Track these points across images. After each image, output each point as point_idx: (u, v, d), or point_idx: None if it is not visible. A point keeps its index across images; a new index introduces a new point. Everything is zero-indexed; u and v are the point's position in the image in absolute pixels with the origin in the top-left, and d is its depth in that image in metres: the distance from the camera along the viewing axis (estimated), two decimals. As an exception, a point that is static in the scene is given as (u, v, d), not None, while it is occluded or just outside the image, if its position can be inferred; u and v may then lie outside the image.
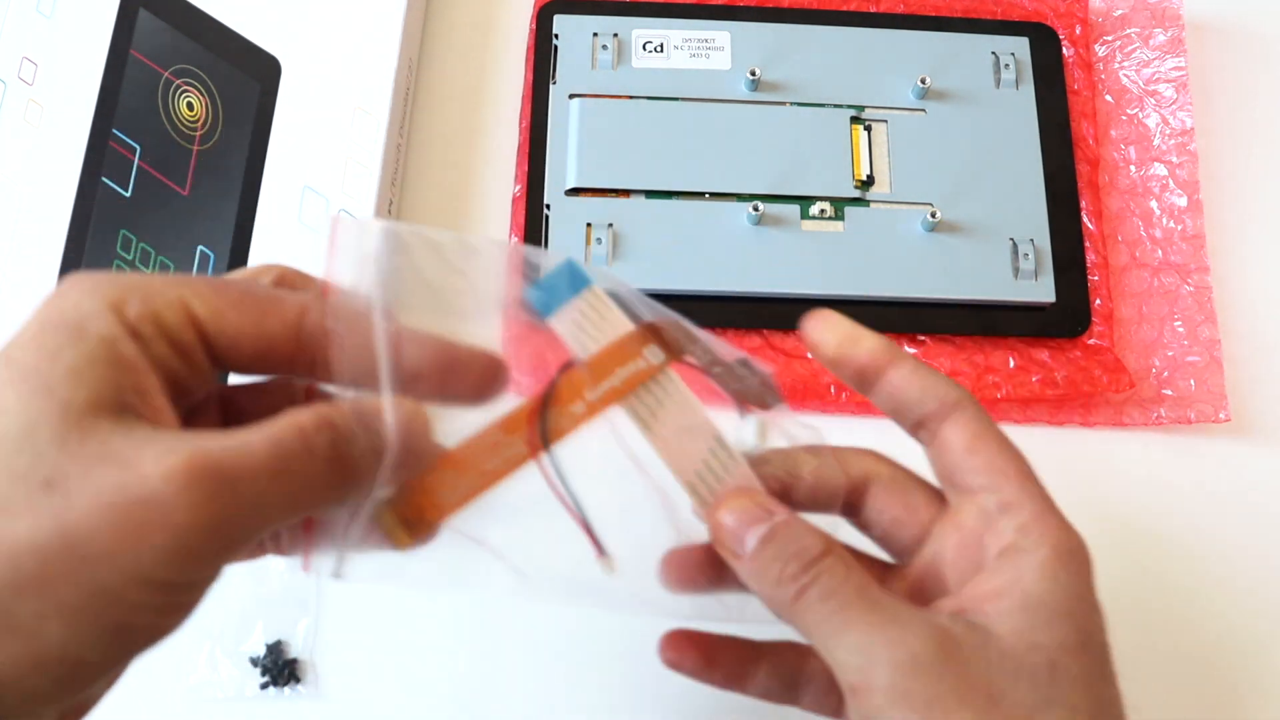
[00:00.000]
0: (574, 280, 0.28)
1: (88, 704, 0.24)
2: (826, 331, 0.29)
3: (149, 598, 0.21)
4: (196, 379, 0.23)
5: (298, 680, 0.40)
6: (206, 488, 0.21)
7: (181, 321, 0.23)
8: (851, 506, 0.29)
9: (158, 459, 0.21)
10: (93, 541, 0.20)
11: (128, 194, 0.43)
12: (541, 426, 0.27)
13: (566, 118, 0.45)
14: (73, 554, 0.20)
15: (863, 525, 0.30)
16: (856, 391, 0.29)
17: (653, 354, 0.27)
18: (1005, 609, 0.25)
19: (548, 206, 0.44)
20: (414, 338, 0.25)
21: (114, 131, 0.44)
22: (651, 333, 0.28)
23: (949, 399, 0.27)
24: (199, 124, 0.44)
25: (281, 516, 0.22)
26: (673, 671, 0.30)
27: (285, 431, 0.22)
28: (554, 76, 0.46)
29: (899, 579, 0.28)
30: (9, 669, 0.20)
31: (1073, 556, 0.26)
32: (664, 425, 0.28)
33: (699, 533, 0.28)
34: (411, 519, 0.26)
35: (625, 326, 0.28)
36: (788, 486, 0.28)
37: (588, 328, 0.28)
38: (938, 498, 0.28)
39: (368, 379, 0.24)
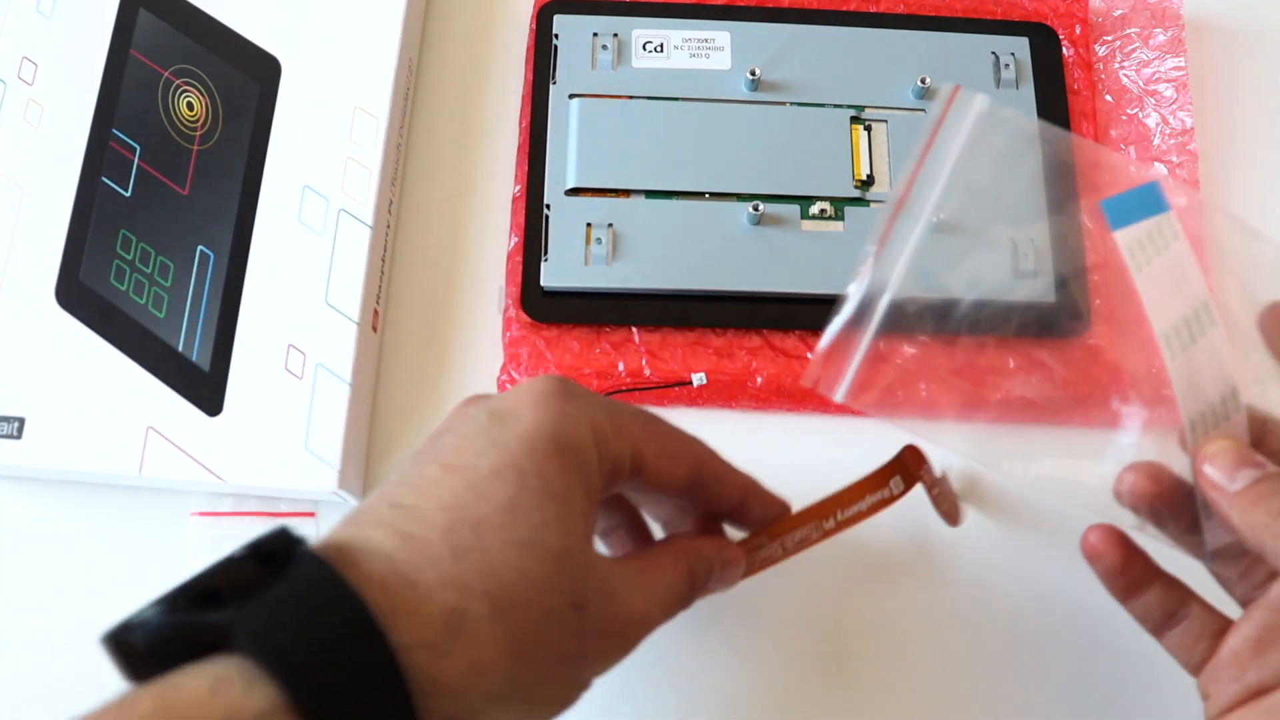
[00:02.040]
0: (1150, 203, 0.31)
1: None
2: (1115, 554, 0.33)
3: (589, 682, 0.28)
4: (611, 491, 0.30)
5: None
6: (647, 628, 0.29)
7: (631, 466, 0.29)
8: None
9: (634, 602, 0.28)
10: (595, 656, 0.27)
11: (128, 194, 0.43)
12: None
13: (566, 118, 0.45)
14: (584, 661, 0.27)
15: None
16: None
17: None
18: None
19: (548, 206, 0.44)
20: (759, 492, 0.34)
21: (114, 131, 0.43)
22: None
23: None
24: (199, 124, 0.44)
25: None
26: (1088, 561, 0.33)
27: (676, 584, 0.31)
28: (554, 76, 0.46)
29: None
30: None
31: None
32: (1186, 364, 0.30)
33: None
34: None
35: (1187, 265, 0.30)
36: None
37: (1149, 250, 0.31)
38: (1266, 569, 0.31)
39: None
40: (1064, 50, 0.48)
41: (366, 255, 0.42)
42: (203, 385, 0.40)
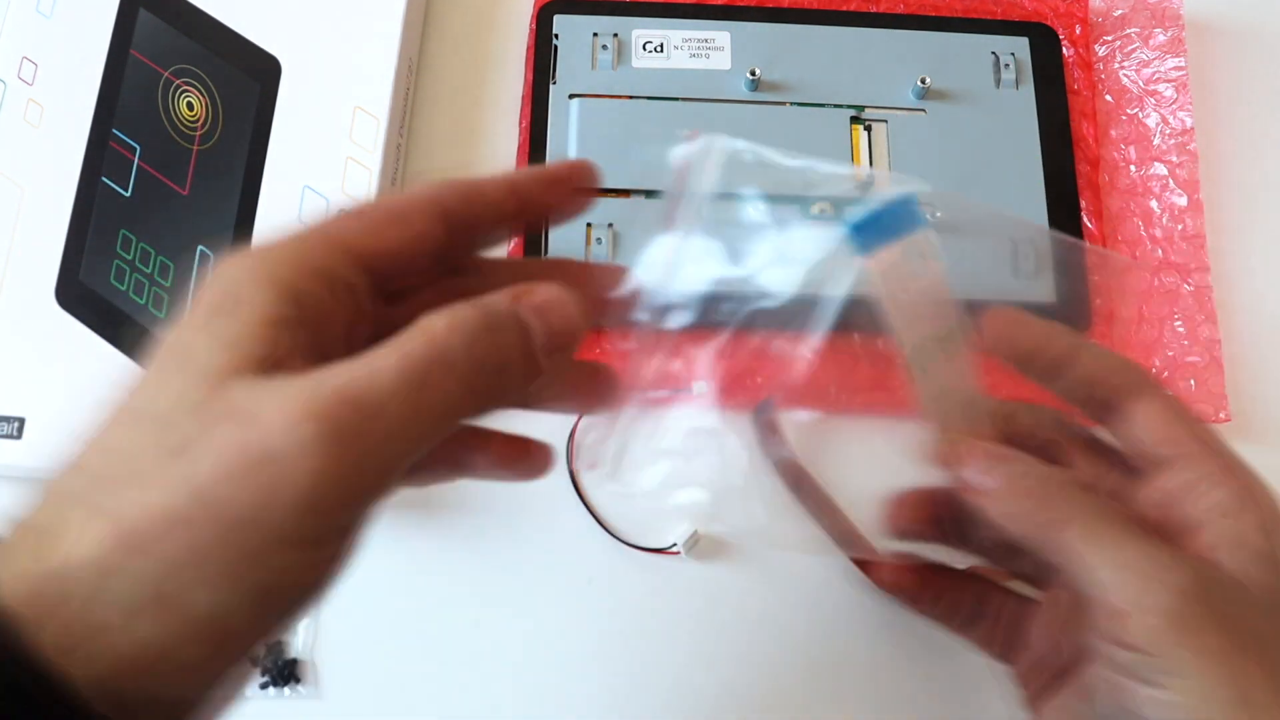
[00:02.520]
0: (905, 220, 0.29)
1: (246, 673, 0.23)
2: (1014, 331, 0.30)
3: (291, 557, 0.20)
4: (357, 308, 0.23)
5: (298, 680, 0.40)
6: (330, 429, 0.19)
7: (342, 263, 0.22)
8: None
9: (279, 407, 0.19)
10: (228, 505, 0.19)
11: (128, 194, 0.43)
12: None
13: (566, 118, 0.45)
14: (211, 519, 0.19)
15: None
16: (1038, 383, 0.30)
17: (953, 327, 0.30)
18: (1241, 559, 0.26)
19: (548, 206, 0.44)
20: (522, 171, 0.27)
21: (114, 131, 0.43)
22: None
23: (1133, 379, 0.29)
24: (199, 124, 0.44)
25: (421, 444, 0.21)
26: (889, 595, 0.32)
27: (414, 344, 0.20)
28: (554, 76, 0.46)
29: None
30: (163, 641, 0.19)
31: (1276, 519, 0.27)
32: (933, 377, 0.30)
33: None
34: None
35: (941, 288, 0.29)
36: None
37: (902, 277, 0.29)
38: (1123, 469, 0.30)
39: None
40: (1064, 50, 0.48)
41: None
42: None
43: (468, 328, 0.21)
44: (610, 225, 0.44)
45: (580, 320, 0.23)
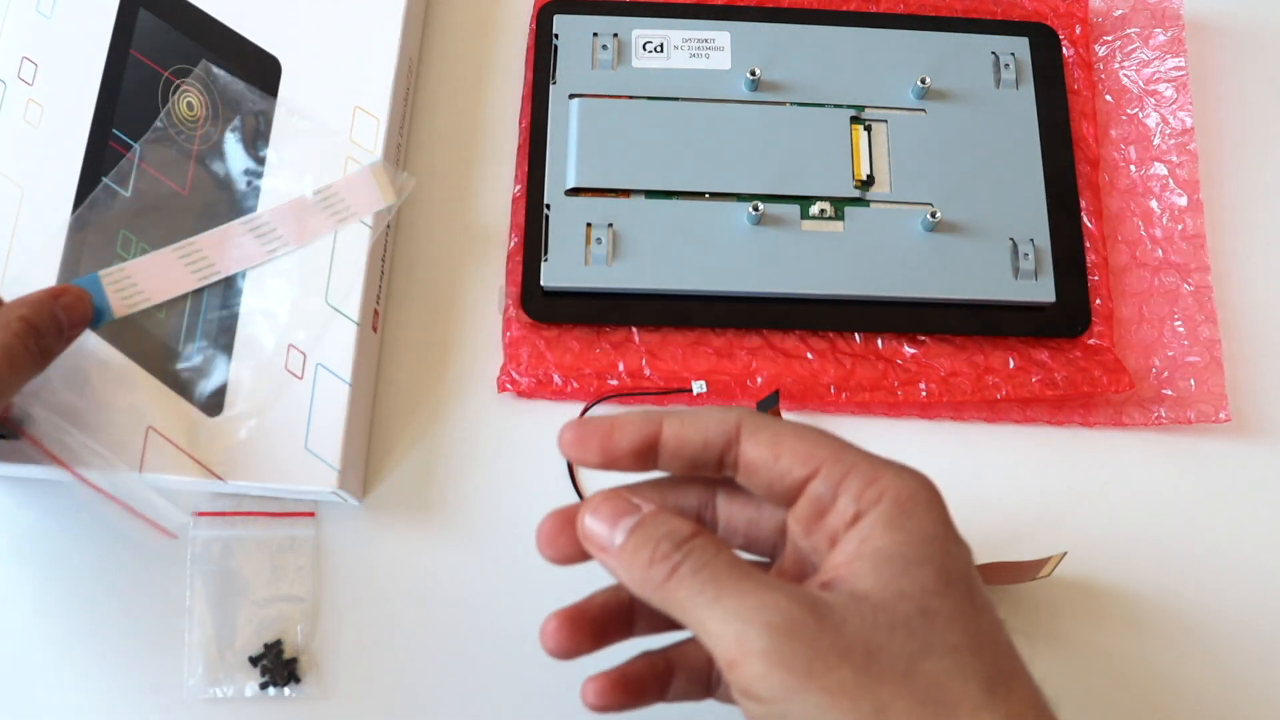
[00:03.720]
0: None
1: None
2: (583, 445, 0.28)
3: None
4: None
5: (297, 680, 0.40)
6: None
7: None
8: (704, 520, 0.30)
9: None
10: None
11: (128, 194, 0.43)
12: None
13: (566, 118, 0.45)
14: None
15: (726, 533, 0.30)
16: (638, 472, 0.29)
17: None
18: (863, 569, 0.25)
19: (548, 206, 0.44)
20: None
21: (114, 131, 0.43)
22: None
23: (729, 425, 0.27)
24: (199, 123, 0.44)
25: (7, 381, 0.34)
26: (601, 711, 0.30)
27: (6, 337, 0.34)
28: (554, 76, 0.46)
29: (771, 570, 0.30)
30: None
31: (914, 500, 0.26)
32: None
33: None
34: None
35: None
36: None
37: None
38: (773, 507, 0.29)
39: None
40: (1064, 50, 0.48)
41: (366, 255, 0.42)
42: (203, 385, 0.40)
43: (31, 324, 0.35)
44: (610, 225, 0.44)
45: (89, 311, 0.38)
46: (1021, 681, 0.25)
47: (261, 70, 0.44)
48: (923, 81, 0.45)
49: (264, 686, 0.39)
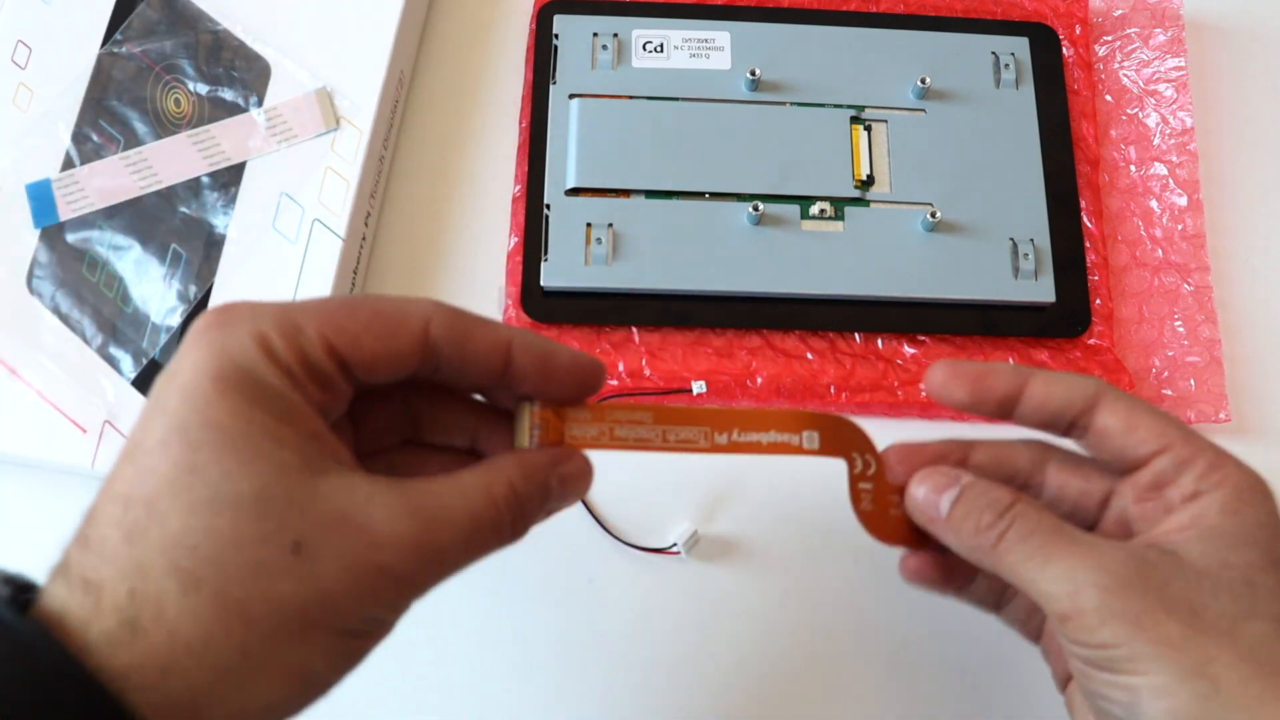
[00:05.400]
0: None
1: None
2: (955, 385, 0.30)
3: (378, 627, 0.25)
4: (338, 403, 0.26)
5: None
6: (425, 558, 0.24)
7: (324, 357, 0.25)
8: (1030, 486, 0.32)
9: (389, 525, 0.24)
10: (344, 598, 0.23)
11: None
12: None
13: (566, 118, 0.45)
14: (329, 606, 0.23)
15: (1049, 499, 0.31)
16: (995, 419, 0.31)
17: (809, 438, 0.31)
18: (1192, 538, 0.27)
19: (548, 206, 0.44)
20: (527, 341, 0.27)
21: (100, 122, 0.44)
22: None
23: (1090, 392, 0.29)
24: (184, 120, 0.44)
25: (465, 564, 0.26)
26: (913, 583, 0.33)
27: (482, 506, 0.26)
28: (554, 76, 0.46)
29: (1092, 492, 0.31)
30: (279, 701, 0.23)
31: (1254, 492, 0.28)
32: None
33: None
34: (549, 439, 0.29)
35: None
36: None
37: None
38: (1110, 473, 0.30)
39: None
40: (1064, 50, 0.48)
41: (336, 267, 0.42)
42: None
43: (523, 497, 0.26)
44: (610, 225, 0.44)
45: (586, 489, 0.29)
46: None
47: (251, 72, 0.44)
48: (923, 81, 0.45)
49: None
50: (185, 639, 0.22)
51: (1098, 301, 0.45)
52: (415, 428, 0.30)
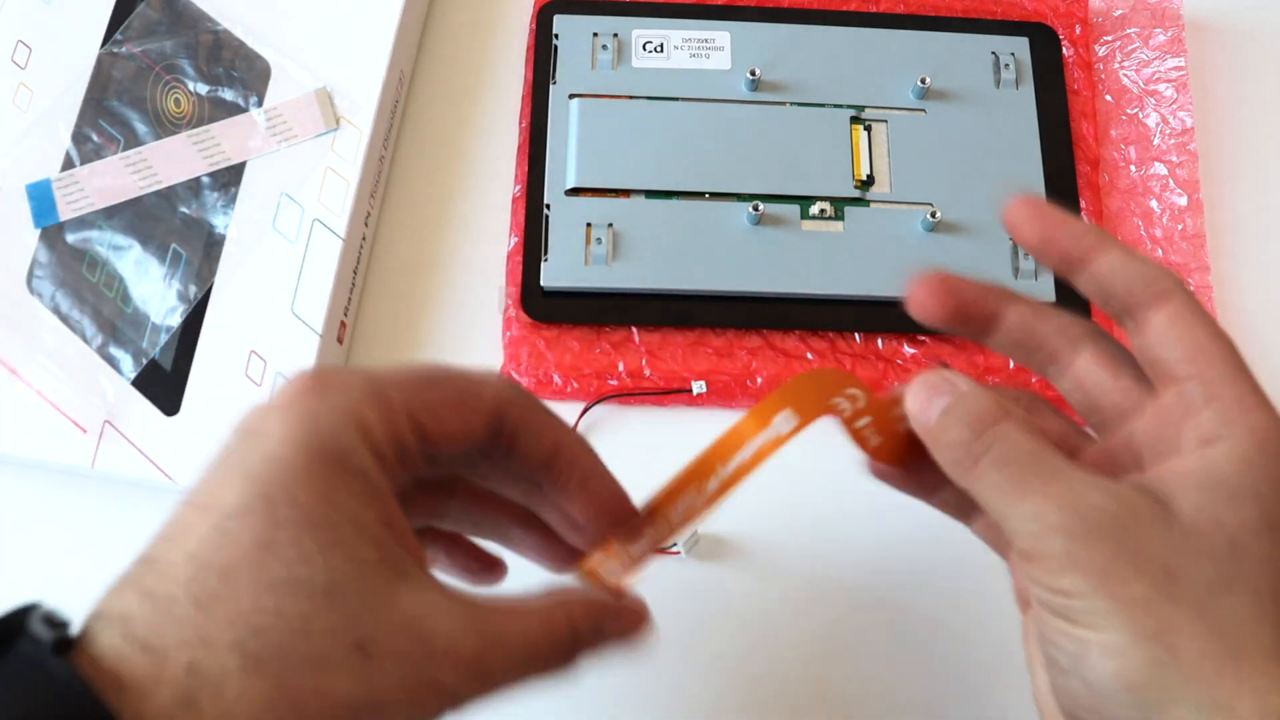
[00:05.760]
0: None
1: None
2: (1029, 218, 0.28)
3: None
4: (411, 479, 0.25)
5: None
6: (476, 677, 0.24)
7: (412, 436, 0.25)
8: (1054, 364, 0.29)
9: (450, 640, 0.23)
10: (394, 706, 0.22)
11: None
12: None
13: (566, 118, 0.45)
14: (379, 713, 0.22)
15: (1069, 387, 0.29)
16: (1060, 275, 0.28)
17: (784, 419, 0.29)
18: (1189, 486, 0.24)
19: (548, 206, 0.44)
20: (588, 461, 0.28)
21: (100, 122, 0.44)
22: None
23: (1159, 286, 0.26)
24: (184, 120, 0.44)
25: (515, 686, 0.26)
26: (879, 480, 0.31)
27: (539, 636, 0.25)
28: (554, 76, 0.46)
29: (1091, 451, 0.28)
30: None
31: (1273, 442, 0.25)
32: None
33: None
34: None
35: None
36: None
37: None
38: (1146, 383, 0.27)
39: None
40: (1064, 50, 0.48)
41: (336, 267, 0.42)
42: (163, 384, 0.40)
43: (583, 640, 0.26)
44: (610, 225, 0.44)
45: (640, 638, 0.28)
46: None
47: (251, 72, 0.44)
48: (923, 81, 0.45)
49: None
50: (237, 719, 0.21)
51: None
52: (438, 514, 0.30)
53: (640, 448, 0.43)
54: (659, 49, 0.46)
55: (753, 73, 0.45)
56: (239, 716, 0.21)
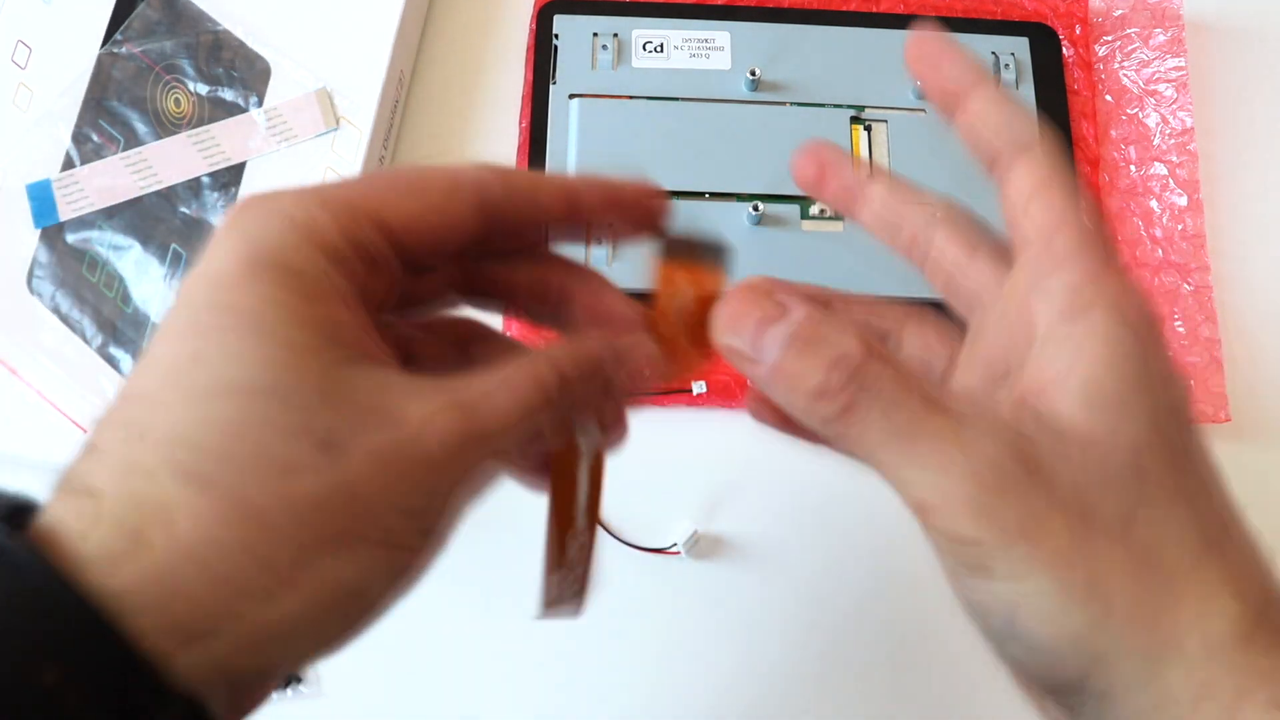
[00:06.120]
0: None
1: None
2: (920, 54, 0.27)
3: (423, 537, 0.22)
4: (389, 285, 0.23)
5: (298, 680, 0.40)
6: (467, 445, 0.21)
7: (377, 237, 0.22)
8: (919, 244, 0.27)
9: (424, 418, 0.21)
10: (377, 496, 0.20)
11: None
12: None
13: (566, 118, 0.45)
14: (360, 507, 0.20)
15: (931, 272, 0.27)
16: (945, 116, 0.26)
17: None
18: (1072, 397, 0.22)
19: (548, 206, 0.44)
20: (586, 182, 0.25)
21: (99, 122, 0.44)
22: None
23: (1022, 139, 0.24)
24: (184, 120, 0.44)
25: (513, 455, 0.24)
26: (757, 421, 0.27)
27: (526, 387, 0.22)
28: (554, 76, 0.46)
29: (961, 371, 0.26)
30: (308, 617, 0.20)
31: (1140, 322, 0.22)
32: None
33: None
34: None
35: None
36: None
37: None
38: (1004, 259, 0.25)
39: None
40: (1064, 50, 0.48)
41: None
42: None
43: (574, 384, 0.23)
44: (610, 225, 0.43)
45: (655, 368, 0.25)
46: (1237, 532, 0.23)
47: (251, 72, 0.44)
48: (923, 81, 0.45)
49: (264, 687, 0.39)
50: (194, 550, 0.19)
51: (1098, 301, 0.45)
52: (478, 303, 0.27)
53: (640, 448, 0.43)
54: (659, 49, 0.46)
55: (753, 73, 0.45)
56: (193, 542, 0.19)
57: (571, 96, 0.46)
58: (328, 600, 0.20)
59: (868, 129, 0.46)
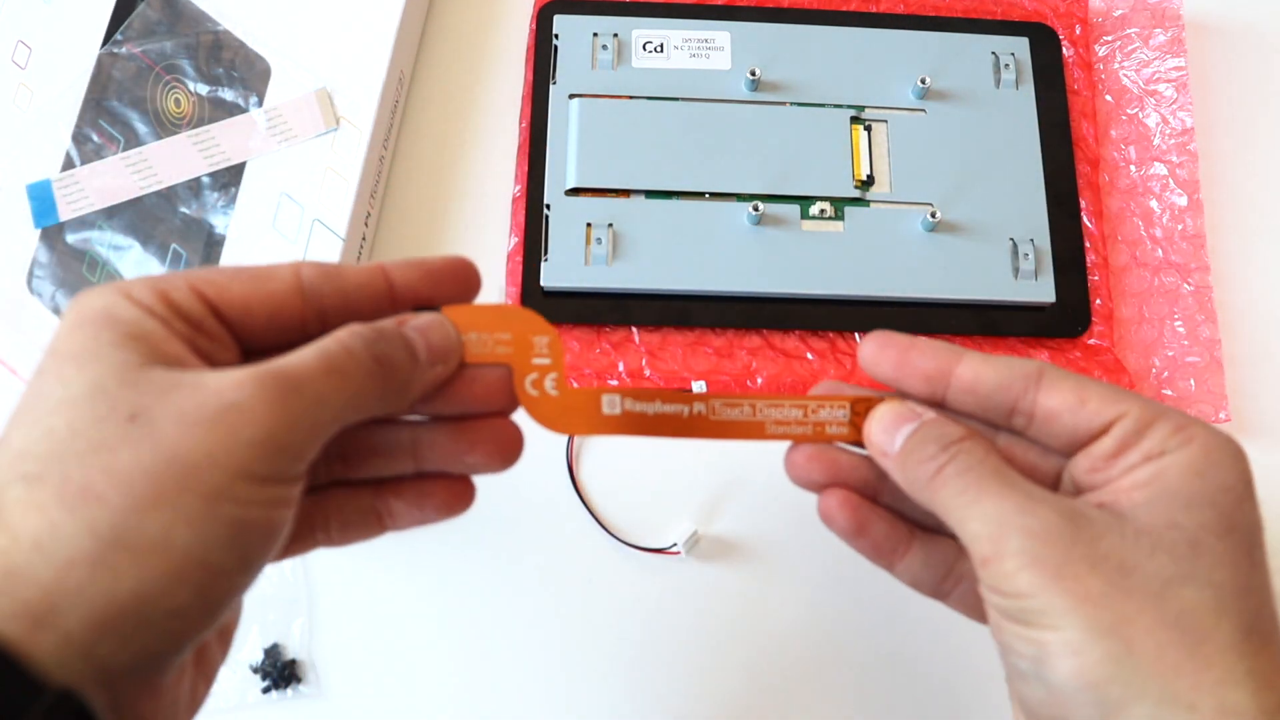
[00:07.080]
0: None
1: (226, 632, 0.27)
2: (882, 357, 0.29)
3: (253, 491, 0.22)
4: (220, 351, 0.25)
5: (299, 680, 0.40)
6: (275, 388, 0.23)
7: (190, 298, 0.24)
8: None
9: (223, 377, 0.23)
10: (192, 451, 0.22)
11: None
12: None
13: (566, 118, 0.45)
14: (178, 465, 0.22)
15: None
16: (928, 400, 0.29)
17: None
18: (1142, 498, 0.25)
19: (548, 206, 0.44)
20: (397, 264, 0.27)
21: (99, 122, 0.44)
22: None
23: (1027, 371, 0.27)
24: (184, 120, 0.44)
25: (343, 412, 0.25)
26: (825, 524, 0.31)
27: (328, 343, 0.25)
28: (554, 76, 0.46)
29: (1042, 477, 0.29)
30: (152, 584, 0.21)
31: (1224, 453, 0.25)
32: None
33: None
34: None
35: None
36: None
37: None
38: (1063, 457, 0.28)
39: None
40: (1064, 50, 0.48)
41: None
42: None
43: (367, 335, 0.25)
44: (610, 225, 0.44)
45: (454, 336, 0.27)
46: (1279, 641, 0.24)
47: (251, 72, 0.44)
48: (923, 81, 0.45)
49: (266, 690, 0.39)
50: (30, 535, 0.21)
51: (1098, 301, 0.45)
52: (346, 466, 0.29)
53: (640, 448, 0.43)
54: (659, 49, 0.46)
55: (753, 73, 0.45)
56: (28, 528, 0.21)
57: (571, 96, 0.46)
58: (171, 568, 0.21)
59: (868, 129, 0.46)
